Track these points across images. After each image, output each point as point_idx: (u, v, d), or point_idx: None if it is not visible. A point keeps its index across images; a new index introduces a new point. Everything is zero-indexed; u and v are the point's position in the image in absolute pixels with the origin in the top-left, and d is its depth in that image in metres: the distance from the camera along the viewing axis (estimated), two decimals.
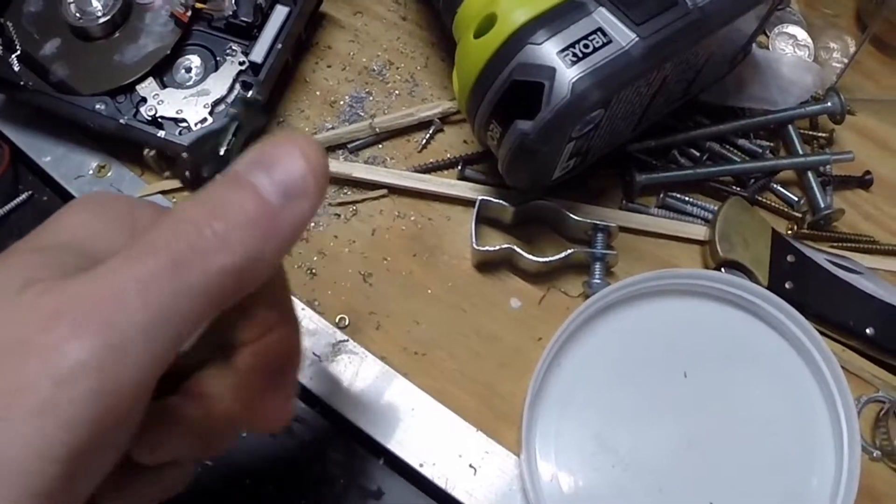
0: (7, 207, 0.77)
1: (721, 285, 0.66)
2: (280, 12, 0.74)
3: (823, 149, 0.75)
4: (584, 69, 0.58)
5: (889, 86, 0.81)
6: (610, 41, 0.59)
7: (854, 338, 0.70)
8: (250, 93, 0.71)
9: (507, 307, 0.70)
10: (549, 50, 0.59)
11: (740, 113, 0.75)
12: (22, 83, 0.73)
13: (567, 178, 0.69)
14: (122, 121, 0.71)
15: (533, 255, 0.68)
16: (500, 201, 0.69)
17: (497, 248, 0.68)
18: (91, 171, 0.76)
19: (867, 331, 0.69)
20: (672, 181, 0.72)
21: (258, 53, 0.72)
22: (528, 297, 0.70)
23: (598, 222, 0.69)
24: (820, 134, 0.75)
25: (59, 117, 0.75)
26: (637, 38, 0.59)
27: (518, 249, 0.68)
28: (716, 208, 0.71)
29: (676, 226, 0.71)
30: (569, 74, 0.58)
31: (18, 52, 0.75)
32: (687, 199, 0.72)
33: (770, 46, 0.79)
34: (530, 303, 0.70)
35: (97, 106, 0.72)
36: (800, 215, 0.73)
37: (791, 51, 0.79)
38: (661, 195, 0.72)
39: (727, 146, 0.74)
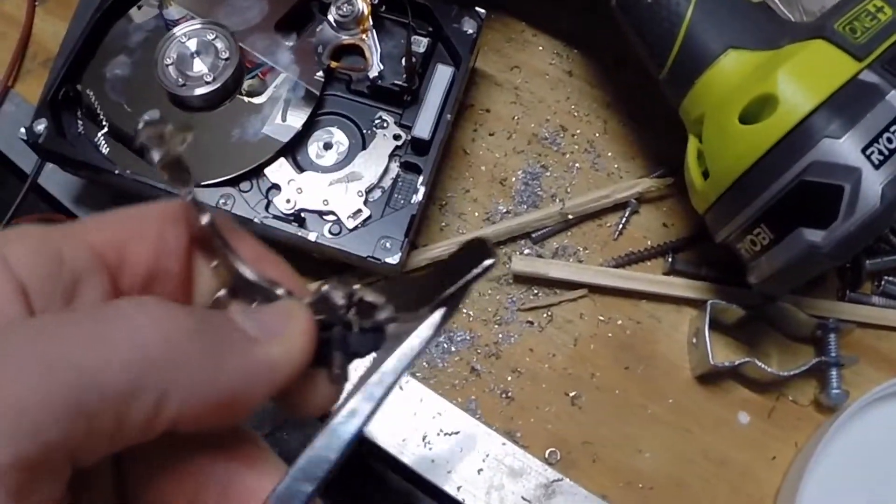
0: None
1: None
2: (443, 74, 0.55)
3: None
4: (893, 171, 0.44)
5: None
6: None
7: None
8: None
9: (734, 423, 0.55)
10: (851, 147, 0.44)
11: None
12: (116, 172, 0.52)
13: None
14: (256, 220, 0.52)
15: (765, 362, 0.54)
16: (732, 304, 0.54)
17: (737, 363, 0.53)
18: None
19: None
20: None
21: (424, 127, 0.53)
22: (756, 409, 0.56)
23: (828, 320, 0.55)
24: None
25: None
26: None
27: (759, 363, 0.53)
28: None
29: None
30: (877, 177, 0.44)
31: (106, 129, 0.54)
32: None
33: None
34: (759, 416, 0.55)
35: (220, 201, 0.52)
36: None
37: None
38: (882, 282, 0.59)
39: None
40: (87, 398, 0.22)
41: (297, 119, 0.55)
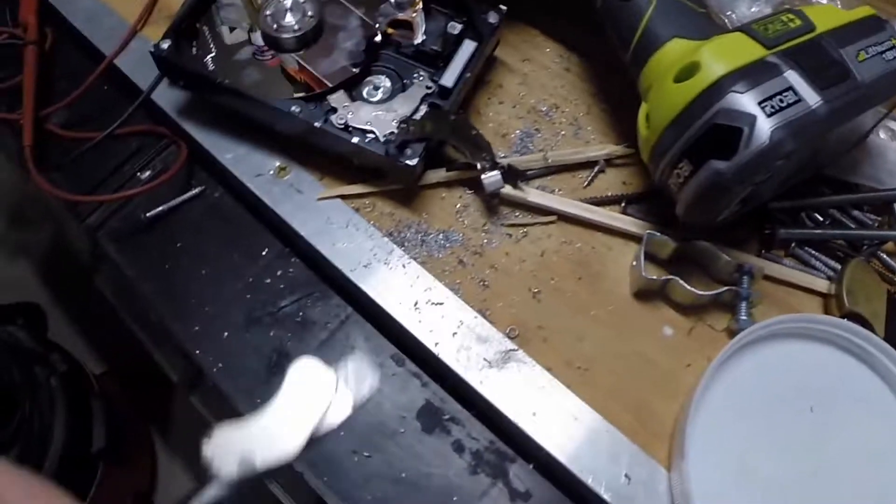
0: (180, 199, 0.71)
1: (847, 334, 0.64)
2: (468, 46, 0.70)
3: None
4: (780, 121, 0.56)
5: None
6: (800, 100, 0.57)
7: None
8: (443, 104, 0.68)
9: (660, 334, 0.66)
10: (750, 99, 0.56)
11: (853, 187, 0.73)
12: (218, 81, 0.68)
13: (726, 222, 0.66)
14: (317, 124, 0.66)
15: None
16: (666, 237, 0.66)
17: (662, 278, 0.65)
18: (272, 172, 0.70)
19: None
20: (805, 238, 0.70)
21: (449, 78, 0.68)
22: (679, 326, 0.66)
23: (745, 264, 0.66)
24: None
25: (244, 119, 0.70)
26: (822, 101, 0.57)
27: (680, 281, 0.64)
28: (836, 265, 0.70)
29: (804, 277, 0.69)
30: (768, 123, 0.56)
31: (213, 54, 0.70)
32: (813, 253, 0.70)
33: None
34: (681, 332, 0.66)
35: (293, 108, 0.66)
36: None
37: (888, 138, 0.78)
38: (793, 246, 0.70)
39: (844, 214, 0.72)
40: None
41: (356, 65, 0.70)
